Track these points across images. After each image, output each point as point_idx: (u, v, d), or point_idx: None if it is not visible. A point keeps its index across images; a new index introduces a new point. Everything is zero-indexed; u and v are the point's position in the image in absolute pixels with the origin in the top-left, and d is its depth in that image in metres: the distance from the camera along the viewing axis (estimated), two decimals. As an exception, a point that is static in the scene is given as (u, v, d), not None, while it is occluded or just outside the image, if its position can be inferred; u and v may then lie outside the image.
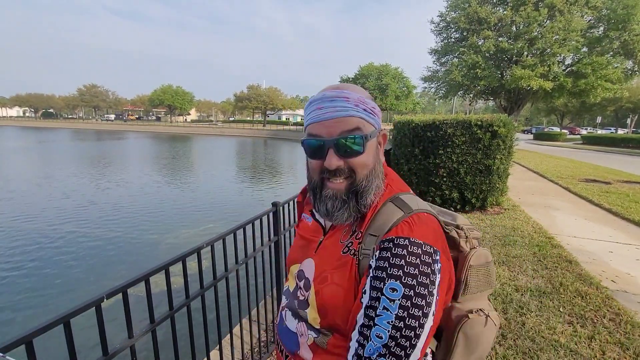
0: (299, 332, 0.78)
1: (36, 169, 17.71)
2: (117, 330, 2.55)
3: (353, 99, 0.68)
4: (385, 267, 0.62)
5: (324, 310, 0.72)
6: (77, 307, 1.07)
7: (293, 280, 0.84)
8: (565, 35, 18.56)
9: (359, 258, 0.68)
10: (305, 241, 0.85)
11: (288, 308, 0.83)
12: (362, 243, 0.69)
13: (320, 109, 0.68)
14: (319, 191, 0.74)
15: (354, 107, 0.68)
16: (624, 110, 46.04)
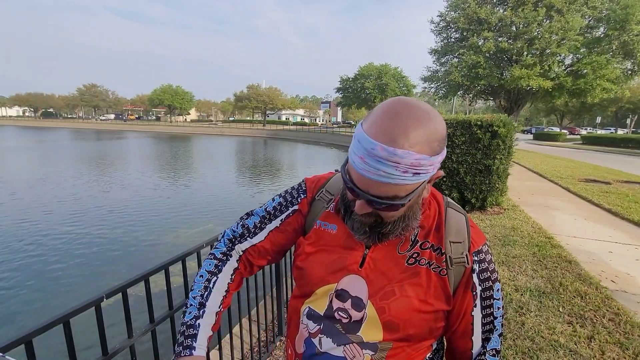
0: (350, 356, 0.71)
1: (36, 169, 17.71)
2: (117, 330, 2.54)
3: (405, 164, 0.57)
4: (488, 276, 0.73)
5: (393, 325, 0.69)
6: (77, 306, 1.07)
7: (324, 301, 0.75)
8: (563, 35, 18.58)
9: (449, 266, 0.71)
10: (335, 255, 0.76)
11: (326, 335, 0.74)
12: (449, 252, 0.72)
13: (363, 162, 0.58)
14: (349, 210, 0.71)
15: (401, 175, 0.57)
16: (624, 111, 46.09)
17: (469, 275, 0.72)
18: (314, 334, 0.76)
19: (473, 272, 0.72)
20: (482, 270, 0.73)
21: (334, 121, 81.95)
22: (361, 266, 0.73)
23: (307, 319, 0.77)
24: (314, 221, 0.81)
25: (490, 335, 0.74)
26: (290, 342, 0.83)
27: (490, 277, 0.73)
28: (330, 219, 0.79)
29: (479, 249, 0.73)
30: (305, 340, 0.77)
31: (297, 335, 0.79)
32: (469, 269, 0.72)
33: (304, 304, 0.78)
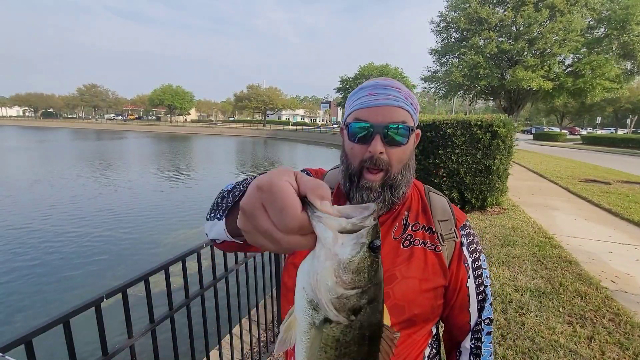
0: None
1: (35, 169, 17.71)
2: (117, 330, 2.54)
3: (404, 91, 0.71)
4: (475, 247, 0.80)
5: (399, 308, 0.71)
6: (77, 306, 1.07)
7: None
8: (565, 36, 18.58)
9: (441, 242, 0.76)
10: None
11: None
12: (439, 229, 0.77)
13: (373, 95, 0.69)
14: (356, 179, 0.73)
15: (404, 99, 0.70)
16: (624, 111, 46.09)
17: (459, 248, 0.78)
18: None
19: (462, 246, 0.78)
20: (470, 242, 0.80)
21: (334, 121, 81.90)
22: None
23: None
24: None
25: (483, 304, 0.79)
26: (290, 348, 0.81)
27: (476, 249, 0.80)
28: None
29: (464, 224, 0.81)
30: None
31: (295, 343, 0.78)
32: (458, 243, 0.78)
33: None
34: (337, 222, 0.33)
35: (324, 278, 0.33)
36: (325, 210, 0.33)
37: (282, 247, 0.34)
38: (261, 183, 0.35)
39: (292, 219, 0.32)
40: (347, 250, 0.33)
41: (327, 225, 0.33)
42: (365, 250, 0.34)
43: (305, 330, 0.36)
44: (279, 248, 0.35)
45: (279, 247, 0.35)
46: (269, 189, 0.34)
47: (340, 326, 0.35)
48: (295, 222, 0.32)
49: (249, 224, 0.36)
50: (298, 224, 0.33)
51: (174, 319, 1.53)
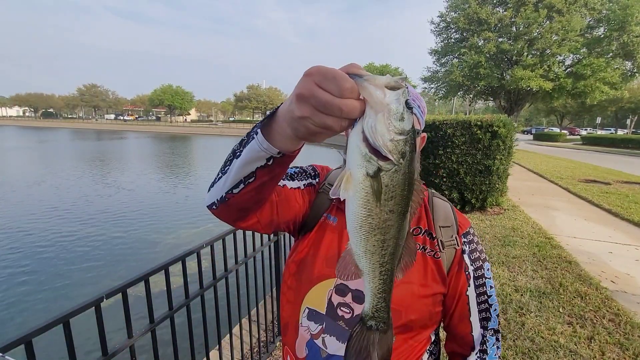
0: None
1: (35, 169, 17.71)
2: (117, 330, 2.54)
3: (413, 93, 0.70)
4: (477, 256, 0.78)
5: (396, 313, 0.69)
6: (77, 307, 1.07)
7: (323, 299, 0.75)
8: (564, 35, 18.58)
9: (441, 249, 0.75)
10: (334, 249, 0.76)
11: (329, 334, 0.73)
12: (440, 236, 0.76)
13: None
14: None
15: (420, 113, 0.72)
16: (624, 111, 46.07)
17: (460, 256, 0.76)
18: (316, 335, 0.74)
19: (464, 254, 0.77)
20: (472, 250, 0.78)
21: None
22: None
23: (308, 320, 0.76)
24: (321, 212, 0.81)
25: (487, 314, 0.77)
26: (289, 348, 0.81)
27: (480, 257, 0.78)
28: (334, 212, 0.81)
29: (467, 231, 0.79)
30: (307, 343, 0.75)
31: (296, 340, 0.77)
32: (459, 251, 0.77)
33: (303, 305, 0.77)
34: (384, 79, 0.41)
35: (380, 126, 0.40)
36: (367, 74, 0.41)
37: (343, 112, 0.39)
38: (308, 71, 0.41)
39: (345, 80, 0.39)
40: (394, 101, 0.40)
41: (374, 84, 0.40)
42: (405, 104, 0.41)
43: (360, 181, 0.43)
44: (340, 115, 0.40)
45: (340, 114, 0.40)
46: (318, 71, 0.40)
47: (388, 172, 0.43)
48: (348, 82, 0.39)
49: (306, 107, 0.41)
50: (350, 84, 0.39)
51: (174, 319, 1.53)
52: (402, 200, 0.45)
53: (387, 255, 0.49)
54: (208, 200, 0.64)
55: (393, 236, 0.47)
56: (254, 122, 31.34)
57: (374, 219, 0.45)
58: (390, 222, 0.46)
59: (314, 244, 0.79)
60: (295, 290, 0.79)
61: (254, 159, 0.53)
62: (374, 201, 0.44)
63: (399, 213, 0.46)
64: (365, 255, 0.49)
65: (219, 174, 0.61)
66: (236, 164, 0.56)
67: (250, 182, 0.56)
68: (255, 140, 0.51)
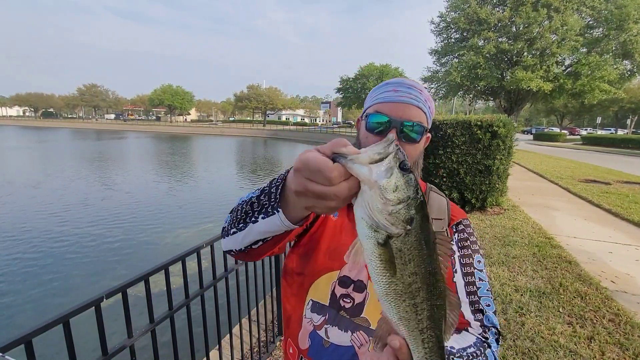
0: (357, 343, 0.73)
1: (35, 169, 17.71)
2: (117, 330, 2.54)
3: (425, 94, 0.75)
4: (467, 245, 0.79)
5: None
6: (77, 306, 1.07)
7: (327, 291, 0.77)
8: (563, 35, 18.58)
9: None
10: (336, 242, 0.79)
11: (331, 324, 0.76)
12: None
13: (396, 92, 0.74)
14: None
15: (424, 101, 0.74)
16: (624, 111, 46.06)
17: None
18: (319, 326, 0.77)
19: (452, 241, 0.79)
20: (461, 239, 0.80)
21: (334, 121, 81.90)
22: None
23: (311, 312, 0.79)
24: None
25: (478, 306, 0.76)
26: (291, 340, 0.83)
27: (470, 247, 0.79)
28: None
29: (459, 222, 0.81)
30: (310, 334, 0.78)
31: (299, 332, 0.80)
32: None
33: (307, 298, 0.80)
34: (366, 156, 0.41)
35: (374, 203, 0.40)
36: (352, 151, 0.42)
37: (340, 197, 0.42)
38: (296, 166, 0.44)
39: (330, 171, 0.41)
40: (382, 175, 0.40)
41: (359, 162, 0.41)
42: (397, 171, 0.41)
43: (372, 252, 0.43)
44: (339, 199, 0.42)
45: (338, 199, 0.42)
46: (303, 165, 0.43)
47: (400, 238, 0.42)
48: (334, 172, 0.41)
49: (307, 199, 0.44)
50: (336, 172, 0.41)
51: (174, 319, 1.53)
52: (424, 261, 0.43)
53: (424, 319, 0.45)
54: (225, 247, 0.70)
55: (425, 298, 0.44)
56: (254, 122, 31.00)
57: (398, 285, 0.44)
58: (417, 285, 0.44)
59: (316, 239, 0.81)
60: (299, 284, 0.81)
61: (274, 231, 0.58)
62: (391, 268, 0.43)
63: (424, 274, 0.44)
64: (401, 322, 0.46)
65: (233, 228, 0.65)
66: (254, 229, 0.60)
67: (268, 240, 0.62)
68: (276, 217, 0.55)
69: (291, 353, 0.83)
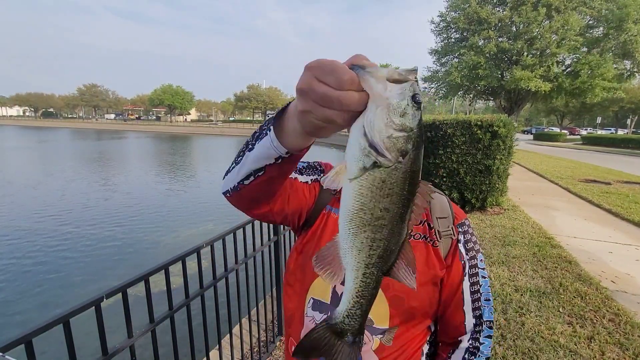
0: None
1: (36, 169, 17.71)
2: (117, 330, 2.54)
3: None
4: (472, 246, 0.81)
5: (398, 299, 0.74)
6: (77, 306, 1.07)
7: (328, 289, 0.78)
8: (563, 35, 18.58)
9: (438, 238, 0.79)
10: None
11: None
12: (437, 226, 0.80)
13: None
14: None
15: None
16: (624, 111, 46.05)
17: (455, 245, 0.80)
18: None
19: (459, 243, 0.81)
20: (467, 241, 0.82)
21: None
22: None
23: (313, 310, 0.79)
24: (324, 206, 0.83)
25: (479, 304, 0.80)
26: (293, 339, 0.83)
27: (474, 247, 0.82)
28: (336, 204, 0.83)
29: (462, 222, 0.83)
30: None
31: (301, 330, 0.80)
32: (455, 240, 0.81)
33: (308, 296, 0.80)
34: (385, 71, 0.39)
35: (378, 122, 0.39)
36: (371, 64, 0.39)
37: (342, 105, 0.38)
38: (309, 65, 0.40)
39: (344, 72, 0.38)
40: (396, 95, 0.38)
41: (376, 76, 0.38)
42: (410, 99, 0.39)
43: (354, 173, 0.41)
44: (340, 109, 0.39)
45: (340, 108, 0.39)
46: (317, 64, 0.39)
47: (387, 169, 0.40)
48: (347, 74, 0.38)
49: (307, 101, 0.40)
50: (349, 76, 0.38)
51: (174, 319, 1.53)
52: (400, 201, 0.42)
53: (374, 256, 0.45)
54: (223, 188, 0.67)
55: (385, 237, 0.44)
56: (254, 122, 31.27)
57: (366, 214, 0.43)
58: (384, 221, 0.43)
59: (317, 236, 0.81)
60: (301, 282, 0.82)
61: (265, 157, 0.54)
62: (368, 195, 0.42)
63: (395, 214, 0.43)
64: (351, 251, 0.46)
65: (233, 164, 0.64)
66: (249, 157, 0.57)
67: (259, 175, 0.58)
68: (267, 137, 0.52)
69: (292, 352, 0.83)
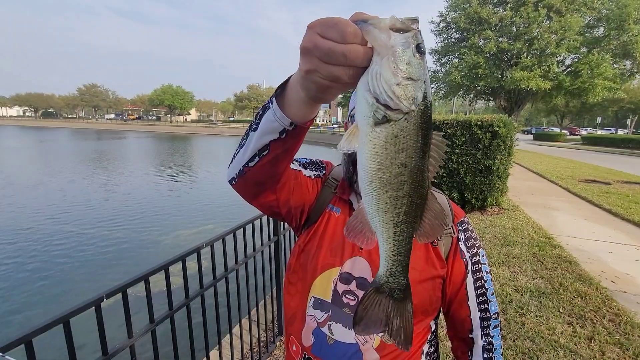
0: (362, 340, 0.74)
1: (36, 169, 17.71)
2: (117, 330, 2.54)
3: None
4: (473, 243, 0.82)
5: None
6: (77, 306, 1.07)
7: (328, 288, 0.78)
8: (563, 35, 18.58)
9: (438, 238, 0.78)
10: (337, 239, 0.79)
11: (335, 321, 0.76)
12: None
13: None
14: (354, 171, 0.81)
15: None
16: (624, 111, 46.05)
17: (456, 244, 0.81)
18: (322, 323, 0.77)
19: (459, 241, 0.82)
20: (468, 238, 0.83)
21: (334, 121, 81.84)
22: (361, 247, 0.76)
23: (314, 309, 0.79)
24: (325, 205, 0.84)
25: (484, 297, 0.82)
26: (294, 338, 0.83)
27: (475, 244, 0.83)
28: (337, 203, 0.84)
29: (462, 220, 0.84)
30: (314, 331, 0.78)
31: (303, 329, 0.80)
32: (455, 239, 0.81)
33: (309, 295, 0.80)
34: (388, 21, 0.38)
35: (384, 71, 0.38)
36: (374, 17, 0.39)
37: (348, 59, 0.38)
38: (311, 24, 0.40)
39: (347, 25, 0.38)
40: (400, 43, 0.38)
41: (379, 27, 0.38)
42: (415, 48, 0.38)
43: (367, 132, 0.41)
44: (345, 64, 0.39)
45: (345, 63, 0.39)
46: (320, 22, 0.40)
47: (398, 123, 0.40)
48: (351, 27, 0.38)
49: (311, 59, 0.40)
50: (353, 29, 0.38)
51: (174, 319, 1.53)
52: (416, 154, 0.43)
53: (401, 214, 0.45)
54: (228, 175, 0.68)
55: (407, 193, 0.44)
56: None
57: (385, 173, 0.43)
58: (403, 177, 0.43)
59: (318, 235, 0.82)
60: (302, 281, 0.82)
61: (269, 131, 0.54)
62: (383, 153, 0.41)
63: (413, 168, 0.43)
64: (377, 214, 0.46)
65: (237, 149, 0.64)
66: (253, 137, 0.58)
67: (264, 155, 0.58)
68: (270, 110, 0.52)
69: (294, 350, 0.83)
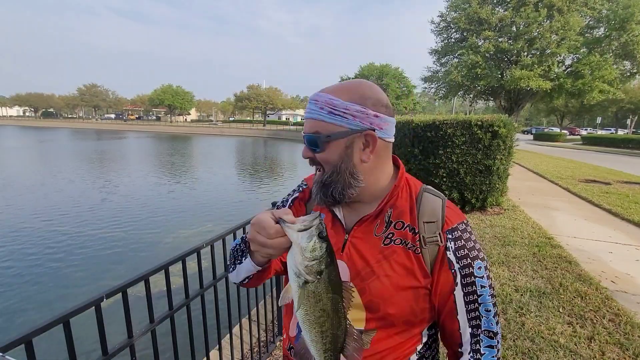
0: None
1: (36, 169, 17.70)
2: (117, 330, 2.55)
3: (321, 101, 0.74)
4: (466, 253, 0.74)
5: (374, 305, 0.73)
6: (77, 306, 1.07)
7: None
8: (563, 35, 18.58)
9: (422, 245, 0.74)
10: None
11: None
12: (422, 231, 0.75)
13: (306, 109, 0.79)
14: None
15: (318, 110, 0.74)
16: (624, 111, 46.02)
17: (443, 253, 0.74)
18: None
19: (448, 250, 0.74)
20: (459, 248, 0.74)
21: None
22: (342, 251, 0.78)
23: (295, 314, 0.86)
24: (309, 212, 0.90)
25: (476, 313, 0.74)
26: (285, 328, 0.88)
27: (469, 255, 0.74)
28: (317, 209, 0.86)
29: (454, 227, 0.75)
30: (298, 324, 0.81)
31: (290, 321, 0.85)
32: (442, 247, 0.74)
33: None
34: (297, 225, 0.61)
35: (298, 257, 0.60)
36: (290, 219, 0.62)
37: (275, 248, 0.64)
38: (252, 221, 0.66)
39: (270, 228, 0.63)
40: (305, 240, 0.60)
41: (292, 228, 0.61)
42: (316, 238, 0.60)
43: (296, 290, 0.62)
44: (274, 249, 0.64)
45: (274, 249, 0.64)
46: (256, 222, 0.66)
47: (313, 284, 0.61)
48: (272, 230, 0.63)
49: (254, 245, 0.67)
50: (274, 230, 0.63)
51: (174, 319, 1.53)
52: (329, 301, 0.62)
53: (327, 343, 0.64)
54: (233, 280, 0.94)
55: (329, 328, 0.63)
56: (254, 122, 31.47)
57: (310, 316, 0.62)
58: (324, 318, 0.62)
59: None
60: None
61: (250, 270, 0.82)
62: (307, 303, 0.62)
63: (330, 310, 0.62)
64: (312, 343, 0.65)
65: (231, 266, 0.89)
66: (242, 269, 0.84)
67: (251, 277, 0.86)
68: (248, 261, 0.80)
69: (284, 339, 0.89)
